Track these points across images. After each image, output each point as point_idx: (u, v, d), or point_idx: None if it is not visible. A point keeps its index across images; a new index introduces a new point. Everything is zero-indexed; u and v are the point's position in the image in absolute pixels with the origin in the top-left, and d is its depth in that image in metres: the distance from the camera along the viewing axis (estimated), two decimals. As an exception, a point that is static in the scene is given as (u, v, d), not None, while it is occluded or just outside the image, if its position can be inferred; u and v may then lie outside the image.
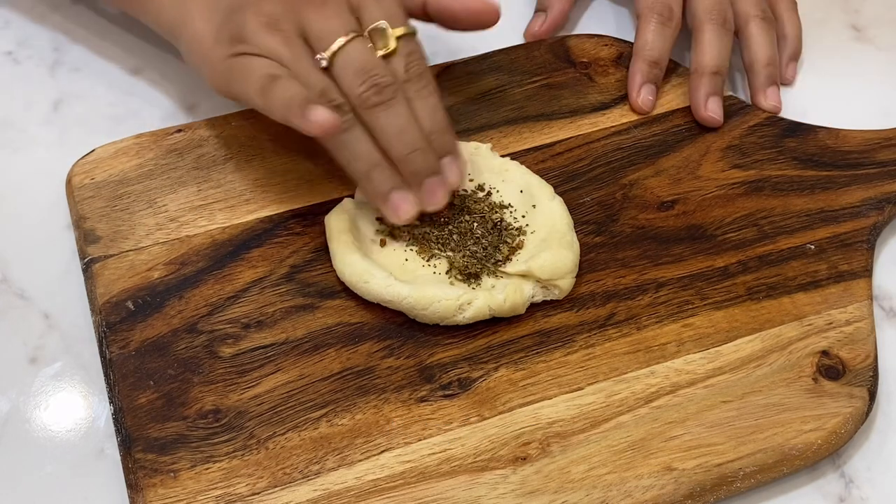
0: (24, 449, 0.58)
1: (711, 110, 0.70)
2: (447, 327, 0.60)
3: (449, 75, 0.71)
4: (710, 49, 0.71)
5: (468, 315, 0.59)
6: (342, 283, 0.61)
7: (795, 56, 0.76)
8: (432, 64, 0.71)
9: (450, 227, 0.63)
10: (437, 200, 0.61)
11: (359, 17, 0.61)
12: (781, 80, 0.75)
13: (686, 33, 0.74)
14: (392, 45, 0.61)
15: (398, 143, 0.60)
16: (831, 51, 0.77)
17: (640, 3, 0.73)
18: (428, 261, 0.62)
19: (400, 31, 0.61)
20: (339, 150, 0.61)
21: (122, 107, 0.72)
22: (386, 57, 0.61)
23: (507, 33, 0.75)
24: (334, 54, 0.60)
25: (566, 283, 0.61)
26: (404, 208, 0.61)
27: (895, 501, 0.59)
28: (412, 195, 0.61)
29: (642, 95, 0.70)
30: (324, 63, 0.60)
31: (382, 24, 0.60)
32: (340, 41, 0.60)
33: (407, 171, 0.61)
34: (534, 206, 0.64)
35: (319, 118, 0.57)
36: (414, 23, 0.63)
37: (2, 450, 0.58)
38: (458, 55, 0.66)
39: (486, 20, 0.66)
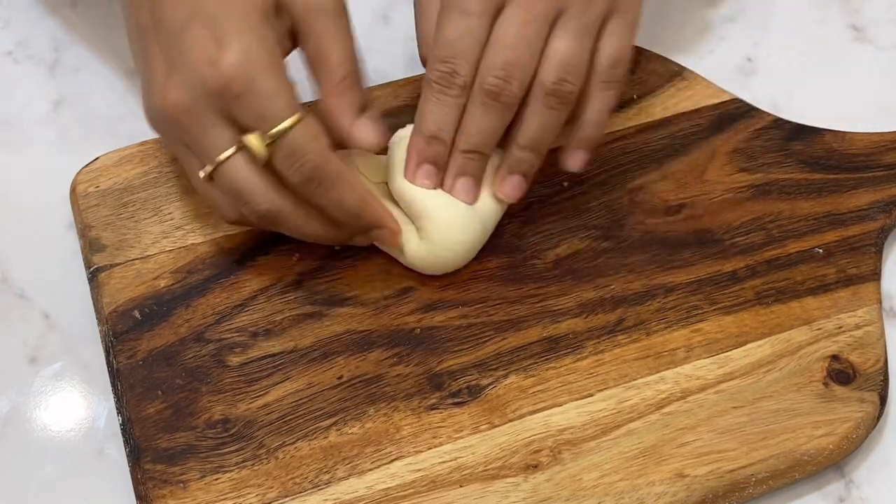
0: (24, 449, 0.58)
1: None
2: (457, 332, 0.59)
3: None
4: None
5: None
6: (350, 290, 0.61)
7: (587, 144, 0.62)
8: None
9: None
10: None
11: (235, 119, 0.54)
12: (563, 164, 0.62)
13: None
14: (264, 154, 0.54)
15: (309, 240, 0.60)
16: (831, 51, 0.77)
17: None
18: None
19: (274, 132, 0.54)
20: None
21: (122, 107, 0.71)
22: (268, 164, 0.55)
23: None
24: (214, 170, 0.56)
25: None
26: None
27: (895, 502, 0.59)
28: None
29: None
30: (204, 178, 0.57)
31: (248, 138, 0.54)
32: (221, 157, 0.55)
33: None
34: None
35: None
36: None
37: (2, 450, 0.58)
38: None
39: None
